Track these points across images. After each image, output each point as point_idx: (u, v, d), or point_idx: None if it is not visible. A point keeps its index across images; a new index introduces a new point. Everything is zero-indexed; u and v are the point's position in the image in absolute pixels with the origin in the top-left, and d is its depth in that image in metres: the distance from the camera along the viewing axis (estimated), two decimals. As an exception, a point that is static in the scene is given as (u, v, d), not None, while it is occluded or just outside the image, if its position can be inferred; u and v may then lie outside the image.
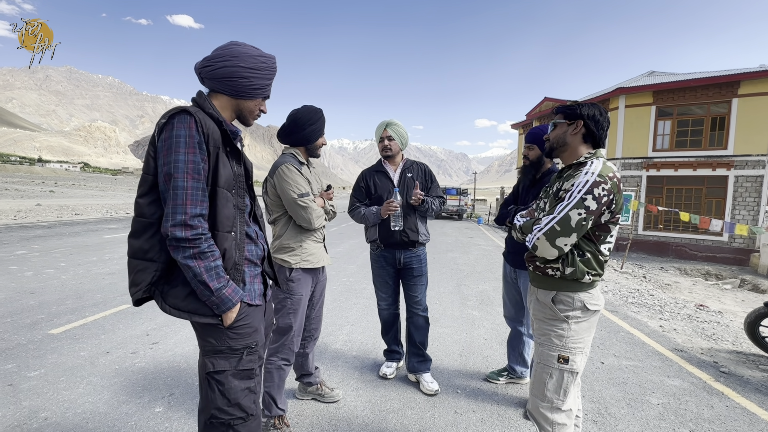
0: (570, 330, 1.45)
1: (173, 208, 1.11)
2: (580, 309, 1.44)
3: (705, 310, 5.33)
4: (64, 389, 2.44)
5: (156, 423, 2.13)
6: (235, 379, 1.22)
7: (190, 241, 1.11)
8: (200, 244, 1.12)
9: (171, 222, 1.10)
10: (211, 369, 1.20)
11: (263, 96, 1.34)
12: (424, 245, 2.68)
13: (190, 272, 1.13)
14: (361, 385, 2.65)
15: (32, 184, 41.15)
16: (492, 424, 2.24)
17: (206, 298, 1.15)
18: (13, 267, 5.68)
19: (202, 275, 1.12)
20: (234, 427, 1.21)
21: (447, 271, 6.80)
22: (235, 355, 1.22)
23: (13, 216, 13.20)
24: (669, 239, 15.01)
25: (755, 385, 2.91)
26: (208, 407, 1.22)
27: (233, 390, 1.21)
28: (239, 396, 1.22)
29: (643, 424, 2.30)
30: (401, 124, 2.64)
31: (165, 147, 1.13)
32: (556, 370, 1.47)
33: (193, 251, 1.11)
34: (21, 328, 3.39)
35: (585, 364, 1.52)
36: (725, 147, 14.02)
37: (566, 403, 1.47)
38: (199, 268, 1.12)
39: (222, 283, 1.15)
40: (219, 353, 1.21)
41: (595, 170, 1.38)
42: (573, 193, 1.37)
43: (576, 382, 1.49)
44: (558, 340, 1.47)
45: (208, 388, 1.21)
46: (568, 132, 1.52)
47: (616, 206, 1.38)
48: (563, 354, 1.45)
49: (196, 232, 1.12)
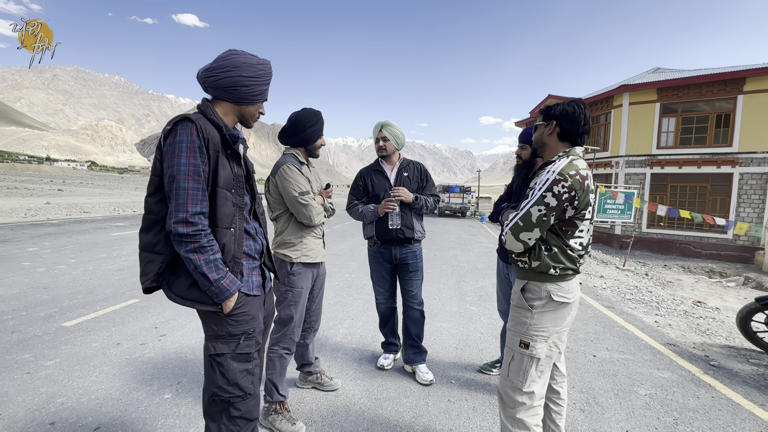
0: (533, 318, 1.54)
1: (176, 207, 1.22)
2: (546, 299, 1.52)
3: (702, 306, 5.38)
4: (78, 377, 2.58)
5: (165, 408, 2.26)
6: (234, 362, 1.33)
7: (191, 236, 1.22)
8: (200, 239, 1.24)
9: (174, 219, 1.22)
10: (212, 352, 1.32)
11: (262, 100, 1.45)
12: (419, 242, 2.79)
13: (191, 264, 1.24)
14: (359, 375, 2.77)
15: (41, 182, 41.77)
16: (483, 412, 2.34)
17: (206, 288, 1.26)
18: (25, 263, 5.87)
19: (201, 267, 1.24)
20: (233, 404, 1.33)
21: (448, 268, 6.90)
22: (233, 339, 1.34)
23: (24, 214, 13.48)
24: (673, 237, 14.96)
25: (743, 378, 2.98)
26: (210, 386, 1.34)
27: (232, 371, 1.33)
28: (238, 377, 1.33)
29: (629, 412, 2.40)
30: (397, 125, 2.74)
31: (169, 151, 1.25)
32: (517, 354, 1.57)
33: (194, 246, 1.23)
34: (36, 321, 3.54)
35: (551, 352, 1.56)
36: (730, 144, 13.94)
37: (526, 385, 1.54)
38: (199, 261, 1.23)
39: (220, 274, 1.27)
40: (219, 338, 1.33)
41: (557, 168, 1.46)
42: (535, 191, 1.48)
43: (539, 368, 1.55)
44: (522, 327, 1.57)
45: (210, 369, 1.33)
46: (544, 133, 1.62)
47: (579, 203, 1.45)
48: (524, 340, 1.55)
49: (197, 229, 1.23)
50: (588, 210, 1.50)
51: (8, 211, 14.05)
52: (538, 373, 1.55)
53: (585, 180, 1.45)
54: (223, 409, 1.33)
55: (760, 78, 13.23)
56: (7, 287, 4.57)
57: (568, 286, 1.54)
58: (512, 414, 1.57)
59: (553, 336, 1.55)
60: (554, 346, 1.57)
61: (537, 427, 1.57)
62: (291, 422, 2.08)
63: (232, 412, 1.33)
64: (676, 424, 2.30)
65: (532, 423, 1.56)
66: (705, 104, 14.47)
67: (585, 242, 1.55)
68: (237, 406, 1.33)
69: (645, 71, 19.42)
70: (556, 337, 1.56)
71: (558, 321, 1.55)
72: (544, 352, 1.54)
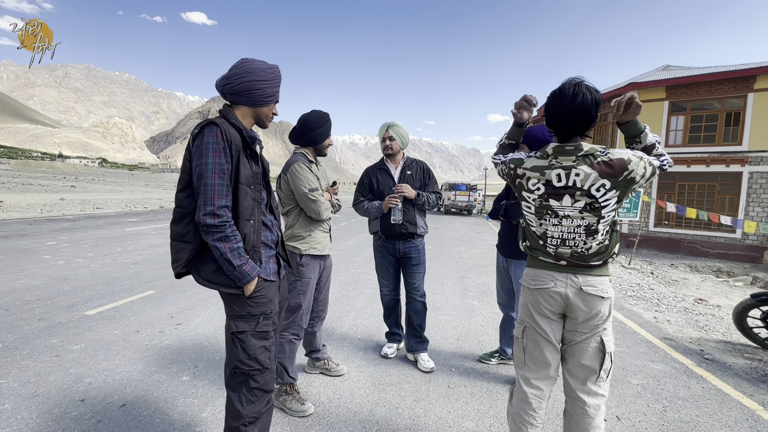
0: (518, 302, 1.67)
1: (204, 201, 1.38)
2: (523, 283, 1.66)
3: (703, 304, 5.45)
4: (103, 360, 2.77)
5: (184, 389, 2.44)
6: (254, 339, 1.49)
7: (217, 227, 1.38)
8: (225, 229, 1.39)
9: (203, 212, 1.38)
10: (234, 330, 1.48)
11: (274, 101, 1.61)
12: (422, 237, 2.93)
13: (218, 252, 1.40)
14: (364, 362, 2.92)
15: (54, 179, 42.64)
16: (481, 398, 2.48)
17: (230, 273, 1.42)
18: (46, 256, 6.13)
19: (226, 254, 1.39)
20: (252, 376, 1.49)
21: (452, 264, 7.03)
22: (253, 319, 1.50)
23: (40, 209, 13.88)
24: (680, 236, 14.88)
25: (736, 371, 3.08)
26: (232, 360, 1.50)
27: (252, 347, 1.49)
28: (257, 352, 1.49)
29: (620, 400, 2.52)
30: (402, 125, 2.88)
31: (197, 152, 1.41)
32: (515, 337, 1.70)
33: (220, 235, 1.39)
34: (60, 310, 3.76)
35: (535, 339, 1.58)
36: (740, 143, 13.81)
37: (515, 363, 1.66)
38: (225, 249, 1.39)
39: (242, 261, 1.42)
40: (241, 317, 1.49)
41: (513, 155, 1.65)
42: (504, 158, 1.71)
43: (522, 347, 1.61)
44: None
45: (232, 345, 1.49)
46: None
47: (516, 190, 1.62)
48: (519, 322, 1.68)
49: (222, 220, 1.39)
50: (526, 204, 1.57)
51: (25, 206, 14.47)
52: (523, 354, 1.61)
53: (516, 178, 1.58)
54: (243, 381, 1.49)
55: (771, 76, 13.07)
56: (30, 278, 4.81)
57: (534, 273, 1.60)
58: (511, 390, 1.70)
59: (527, 320, 1.60)
60: (534, 333, 1.58)
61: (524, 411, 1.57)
62: (300, 402, 2.24)
63: (251, 384, 1.49)
64: (664, 411, 2.42)
65: (518, 403, 1.60)
66: (714, 102, 14.34)
67: (541, 232, 1.55)
68: (255, 378, 1.49)
69: (655, 68, 19.26)
70: (533, 323, 1.58)
71: (526, 305, 1.61)
72: (527, 333, 1.61)
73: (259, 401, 1.51)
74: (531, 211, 1.57)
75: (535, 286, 1.58)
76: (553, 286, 1.53)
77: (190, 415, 2.17)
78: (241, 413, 1.49)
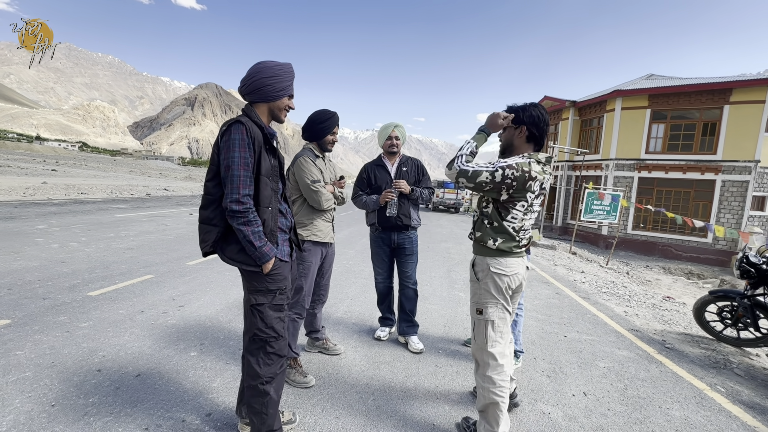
0: (480, 288, 1.91)
1: (231, 190, 1.59)
2: (486, 271, 1.88)
3: (670, 301, 5.87)
4: (113, 336, 2.94)
5: (193, 363, 2.64)
6: (270, 310, 1.72)
7: (242, 213, 1.59)
8: (248, 215, 1.61)
9: (229, 199, 1.58)
10: (254, 302, 1.70)
11: (287, 95, 1.79)
12: (415, 229, 3.18)
13: (241, 234, 1.61)
14: (359, 344, 3.17)
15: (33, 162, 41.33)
16: (465, 375, 2.76)
17: (251, 253, 1.63)
18: (39, 239, 6.15)
19: (249, 236, 1.61)
20: (269, 342, 1.72)
21: (440, 259, 7.32)
22: (270, 293, 1.72)
23: (23, 193, 13.60)
24: (656, 239, 15.58)
25: (691, 358, 3.44)
26: (251, 329, 1.71)
27: (269, 317, 1.71)
28: (273, 322, 1.72)
29: (588, 379, 2.83)
30: (403, 126, 3.13)
31: (225, 147, 1.61)
32: (476, 320, 1.93)
33: (244, 219, 1.60)
34: (62, 290, 3.88)
35: (504, 315, 1.89)
36: (714, 152, 14.52)
37: (489, 345, 1.88)
38: (247, 231, 1.60)
39: (262, 242, 1.64)
40: (259, 292, 1.71)
41: (515, 160, 1.81)
42: (496, 163, 1.82)
43: (496, 329, 1.88)
44: (475, 296, 1.94)
45: (251, 316, 1.71)
46: (514, 135, 1.93)
47: (515, 191, 1.80)
48: (479, 307, 1.92)
49: (246, 207, 1.60)
50: (522, 203, 1.84)
51: (7, 189, 14.14)
52: (497, 334, 1.89)
53: (529, 180, 1.79)
54: (261, 347, 1.72)
55: (746, 90, 13.77)
56: (27, 260, 4.88)
57: (506, 261, 1.87)
58: (483, 372, 1.90)
59: (501, 301, 1.88)
60: (503, 310, 1.89)
61: (503, 382, 1.87)
62: (303, 375, 2.47)
63: (268, 349, 1.72)
64: (625, 389, 2.74)
65: (498, 379, 1.87)
66: (693, 112, 15.00)
67: (519, 227, 1.87)
68: (271, 344, 1.72)
69: (639, 77, 19.91)
70: (504, 302, 1.89)
71: (499, 288, 1.87)
72: (496, 314, 1.88)
73: (275, 364, 1.74)
74: (523, 209, 1.86)
75: (510, 273, 1.88)
76: (521, 270, 1.92)
77: (201, 384, 2.38)
78: (259, 374, 1.71)
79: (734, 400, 2.73)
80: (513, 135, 1.95)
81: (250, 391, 1.74)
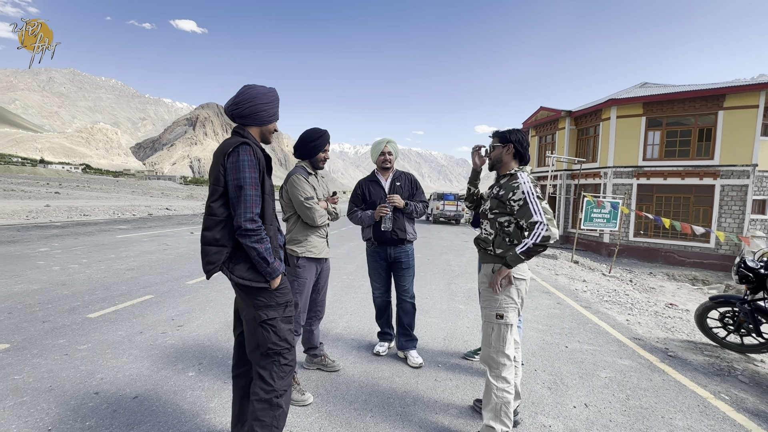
0: (500, 294, 2.04)
1: (244, 209, 1.62)
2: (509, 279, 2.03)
3: (673, 308, 5.82)
4: (111, 358, 2.94)
5: (191, 383, 2.63)
6: (283, 323, 1.76)
7: (255, 231, 1.63)
8: (261, 232, 1.65)
9: (243, 218, 1.61)
10: (266, 318, 1.71)
11: (276, 120, 1.88)
12: (411, 242, 3.20)
13: (254, 252, 1.64)
14: (357, 360, 3.15)
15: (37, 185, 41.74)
16: (464, 389, 2.74)
17: (263, 269, 1.67)
18: (40, 262, 6.18)
19: (263, 253, 1.65)
20: (282, 354, 1.74)
21: (440, 272, 7.30)
22: (281, 306, 1.76)
23: (26, 216, 13.71)
24: (659, 245, 15.50)
25: (694, 366, 3.41)
26: (263, 344, 1.72)
27: (282, 330, 1.74)
28: (286, 334, 1.76)
29: (589, 390, 2.81)
30: (396, 142, 3.19)
31: (234, 167, 1.64)
32: (496, 325, 2.04)
33: (257, 237, 1.64)
34: (62, 313, 3.89)
35: (517, 317, 2.08)
36: (712, 157, 14.58)
37: (507, 347, 2.03)
38: (261, 249, 1.64)
39: (273, 259, 1.68)
40: (270, 307, 1.73)
41: (528, 179, 2.03)
42: (529, 194, 1.96)
43: (512, 332, 2.04)
44: (494, 302, 2.06)
45: (262, 331, 1.71)
46: (503, 153, 2.17)
47: None
48: (499, 312, 2.04)
49: (258, 225, 1.64)
50: None
51: (10, 213, 14.27)
52: (512, 336, 2.04)
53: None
54: (275, 360, 1.74)
55: (739, 95, 13.92)
56: (28, 283, 4.90)
57: (524, 266, 2.05)
58: (498, 374, 2.03)
59: (519, 306, 2.05)
60: (519, 313, 2.07)
61: (513, 381, 2.05)
62: (301, 393, 2.45)
63: (282, 361, 1.74)
64: (627, 399, 2.71)
65: (511, 378, 2.03)
66: (688, 119, 15.13)
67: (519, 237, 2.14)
68: (285, 356, 1.75)
69: (633, 86, 20.17)
70: (520, 306, 2.07)
71: (520, 293, 2.04)
72: (514, 318, 2.03)
73: (287, 376, 1.77)
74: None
75: (527, 276, 2.09)
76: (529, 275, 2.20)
77: (199, 405, 2.37)
78: (275, 387, 1.73)
79: (739, 408, 2.69)
80: (502, 152, 2.18)
81: (262, 404, 1.73)
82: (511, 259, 1.96)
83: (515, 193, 2.00)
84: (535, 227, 1.92)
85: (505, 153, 2.16)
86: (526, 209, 1.95)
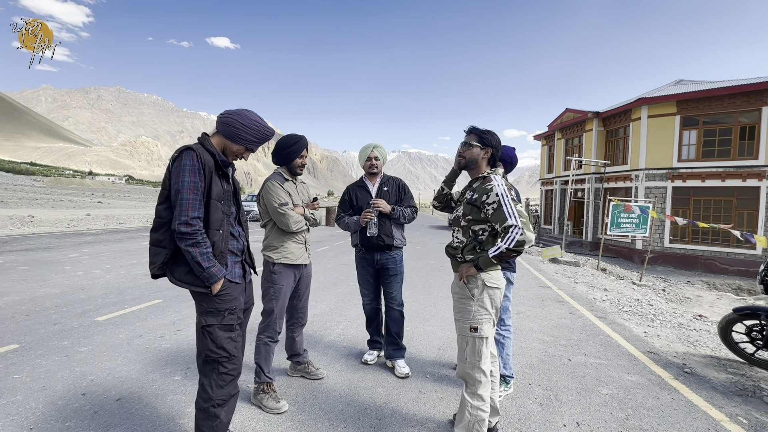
0: (474, 305, 1.91)
1: (179, 212, 1.64)
2: (482, 287, 1.90)
3: (702, 320, 5.37)
4: (106, 360, 3.04)
5: (175, 387, 2.67)
6: (220, 331, 1.73)
7: (190, 234, 1.63)
8: (196, 236, 1.65)
9: (178, 221, 1.63)
10: (204, 323, 1.71)
11: (246, 147, 1.84)
12: (400, 249, 3.12)
13: (189, 255, 1.65)
14: (344, 368, 3.10)
15: (83, 195, 44.79)
16: (448, 402, 2.62)
17: (200, 274, 1.66)
18: (67, 268, 6.58)
19: (197, 257, 1.64)
20: (221, 363, 1.72)
21: (450, 279, 7.12)
22: (220, 313, 1.73)
23: (67, 224, 14.70)
24: (698, 252, 14.47)
25: (713, 384, 3.10)
26: (202, 351, 1.73)
27: (219, 338, 1.72)
28: (223, 342, 1.73)
29: (585, 408, 2.61)
30: (383, 147, 3.14)
31: (176, 172, 1.67)
32: (470, 339, 1.92)
33: (192, 241, 1.64)
34: (73, 316, 4.09)
35: (491, 331, 1.94)
36: (756, 157, 13.51)
37: (482, 362, 1.90)
38: (195, 253, 1.64)
39: (211, 263, 1.67)
40: (209, 313, 1.72)
41: (502, 182, 1.93)
42: (502, 196, 1.85)
43: (489, 345, 1.92)
44: (467, 315, 1.93)
45: (202, 337, 1.72)
46: (480, 155, 2.05)
47: None
48: (473, 324, 1.91)
49: (194, 229, 1.64)
50: None
51: (54, 221, 15.34)
52: (488, 350, 1.92)
53: None
54: (214, 368, 1.72)
55: (785, 89, 12.84)
56: (50, 287, 5.21)
57: (497, 275, 1.94)
58: (474, 390, 1.92)
59: (493, 317, 1.93)
60: (494, 325, 1.95)
61: (489, 398, 1.93)
62: (276, 400, 2.43)
63: (221, 369, 1.72)
64: (626, 419, 2.49)
65: (487, 395, 1.91)
66: (728, 116, 14.12)
67: None
68: (224, 365, 1.73)
69: (667, 84, 19.13)
70: (495, 317, 1.95)
71: (494, 303, 1.92)
72: (489, 331, 1.91)
73: (228, 386, 1.74)
74: None
75: (500, 285, 1.98)
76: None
77: (176, 409, 2.39)
78: (212, 396, 1.71)
79: (757, 434, 2.41)
80: (479, 154, 2.06)
81: (200, 413, 1.74)
82: (482, 261, 1.86)
83: (489, 196, 1.89)
84: (509, 231, 1.81)
85: (482, 155, 2.06)
86: (501, 212, 1.85)
